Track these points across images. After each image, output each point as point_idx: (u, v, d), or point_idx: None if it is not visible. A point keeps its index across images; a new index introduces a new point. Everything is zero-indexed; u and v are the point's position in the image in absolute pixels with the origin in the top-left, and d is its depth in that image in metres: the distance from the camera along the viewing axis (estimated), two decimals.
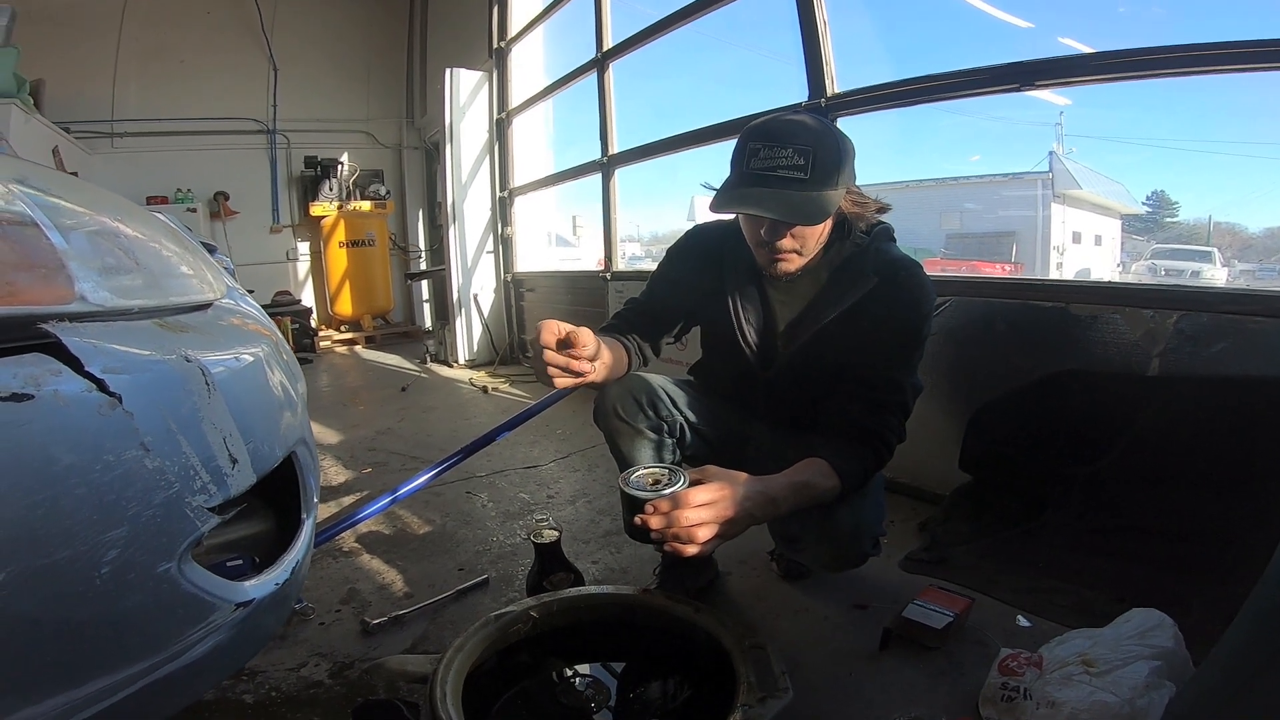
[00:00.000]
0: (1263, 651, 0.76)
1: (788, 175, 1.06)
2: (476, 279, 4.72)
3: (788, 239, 1.12)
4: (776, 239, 1.12)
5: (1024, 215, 8.52)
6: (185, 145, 5.67)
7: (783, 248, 1.13)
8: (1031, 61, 1.79)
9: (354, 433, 3.01)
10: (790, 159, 1.06)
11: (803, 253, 1.15)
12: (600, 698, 1.04)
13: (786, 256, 1.14)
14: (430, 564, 1.67)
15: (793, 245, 1.13)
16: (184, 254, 0.90)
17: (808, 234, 1.13)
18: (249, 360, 0.75)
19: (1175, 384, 1.47)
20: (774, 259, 1.15)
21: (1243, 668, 0.79)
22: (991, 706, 1.04)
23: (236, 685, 1.18)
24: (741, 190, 1.10)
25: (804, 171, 1.06)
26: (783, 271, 1.17)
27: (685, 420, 1.28)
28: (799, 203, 1.07)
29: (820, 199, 1.08)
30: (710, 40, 10.75)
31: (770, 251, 1.14)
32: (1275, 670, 0.73)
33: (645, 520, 0.89)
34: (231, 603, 0.65)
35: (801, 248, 1.14)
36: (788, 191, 1.06)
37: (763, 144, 1.09)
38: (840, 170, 1.10)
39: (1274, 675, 0.73)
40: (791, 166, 1.06)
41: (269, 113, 6.01)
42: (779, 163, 1.07)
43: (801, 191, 1.06)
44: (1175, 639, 1.04)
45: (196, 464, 0.59)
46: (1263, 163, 7.65)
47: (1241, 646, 0.82)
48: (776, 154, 1.07)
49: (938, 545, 1.64)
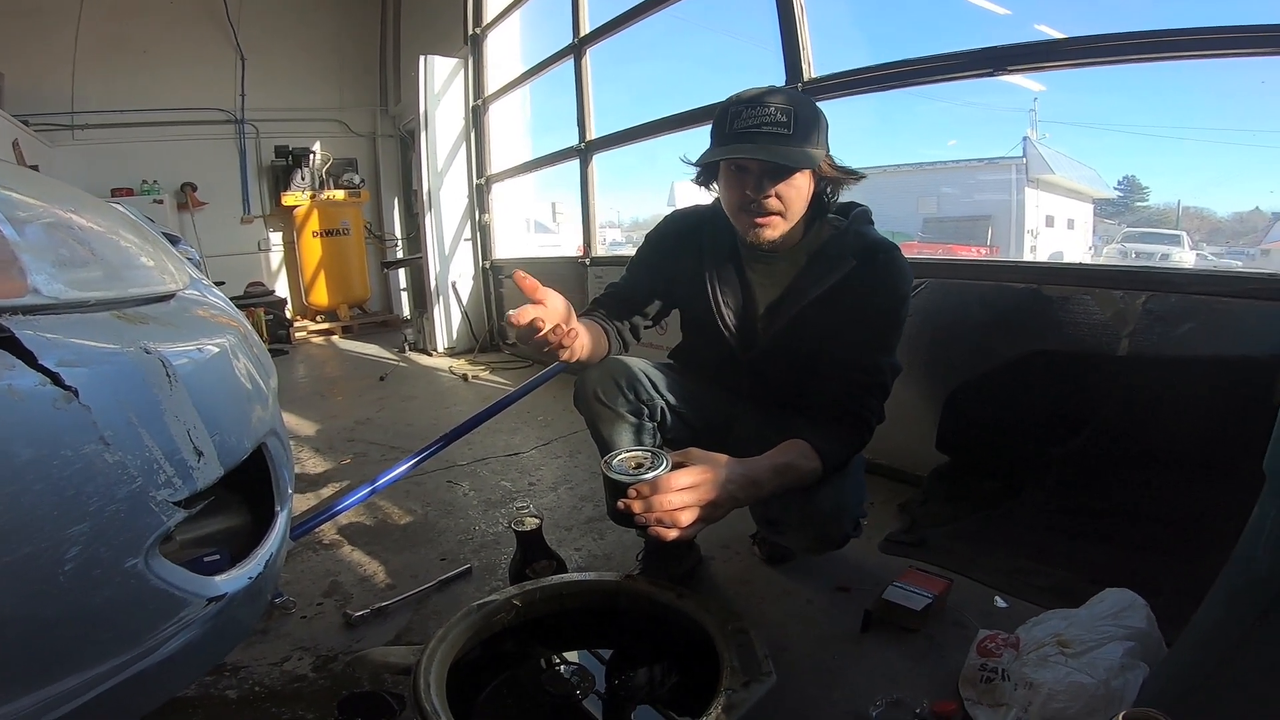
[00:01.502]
0: (1234, 632, 0.77)
1: (772, 131, 1.08)
2: (455, 266, 4.68)
3: (773, 198, 1.12)
4: (762, 195, 1.11)
5: (999, 199, 8.61)
6: (150, 136, 5.53)
7: (768, 207, 1.13)
8: (1005, 46, 1.80)
9: (332, 423, 2.97)
10: (774, 116, 1.08)
11: (786, 215, 1.15)
12: (586, 685, 1.04)
13: (770, 220, 1.14)
14: (412, 554, 1.65)
15: (777, 206, 1.13)
16: (144, 245, 0.88)
17: (791, 195, 1.13)
18: (214, 351, 0.73)
19: (1144, 364, 1.49)
20: (756, 222, 1.15)
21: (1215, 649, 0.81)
22: (971, 688, 1.05)
23: (219, 681, 1.17)
24: (727, 146, 1.12)
25: (787, 128, 1.08)
26: (765, 238, 1.16)
27: (666, 403, 1.27)
28: (786, 154, 1.08)
29: (805, 152, 1.10)
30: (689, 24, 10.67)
31: (753, 214, 1.14)
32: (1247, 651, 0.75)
33: (628, 504, 0.89)
34: (203, 597, 0.63)
35: (785, 210, 1.14)
36: (772, 145, 1.08)
37: (744, 106, 1.10)
38: (819, 130, 1.12)
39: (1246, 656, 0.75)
40: (775, 123, 1.08)
41: (236, 102, 5.88)
42: (764, 119, 1.08)
43: (786, 145, 1.08)
44: (1148, 619, 1.06)
45: (159, 457, 0.57)
46: (1229, 148, 7.81)
47: (1213, 628, 0.83)
48: (760, 112, 1.09)
49: (917, 527, 1.67)
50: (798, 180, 1.12)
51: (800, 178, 1.13)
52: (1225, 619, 0.81)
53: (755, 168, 1.11)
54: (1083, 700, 0.93)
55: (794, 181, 1.12)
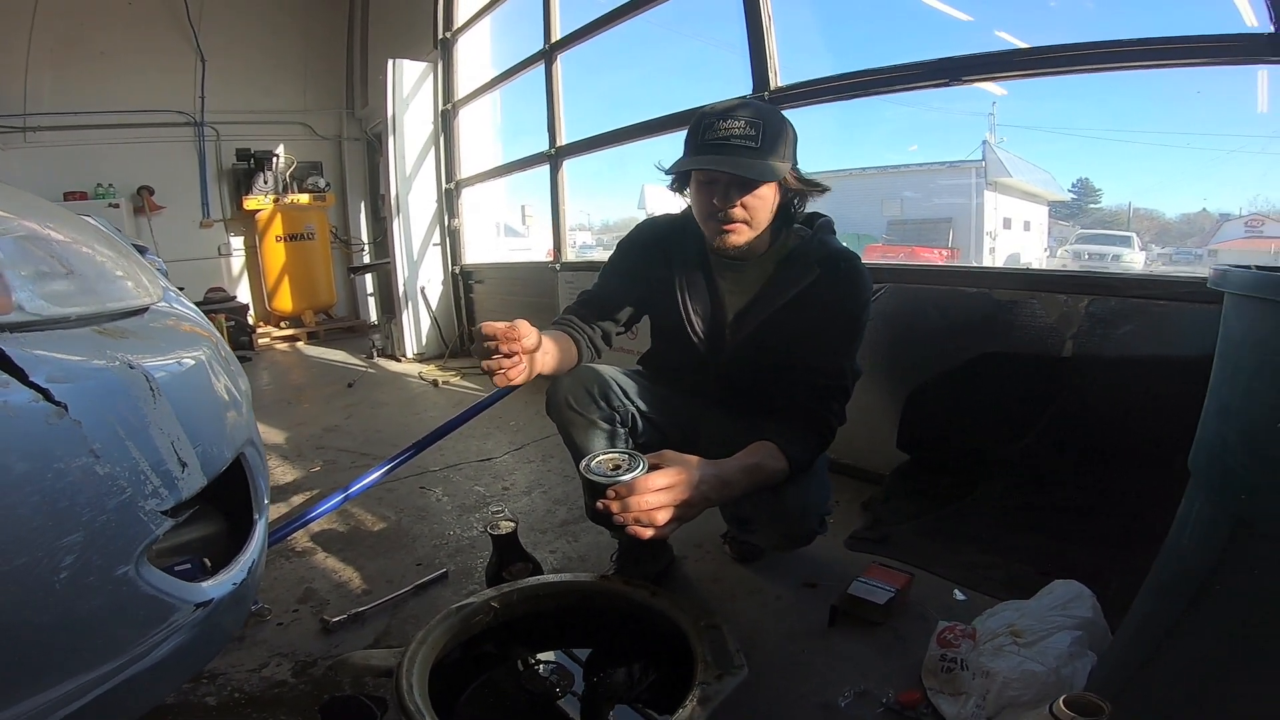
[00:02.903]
0: (1164, 622, 0.83)
1: (740, 144, 1.13)
2: (424, 271, 4.64)
3: (739, 208, 1.17)
4: (728, 205, 1.16)
5: (959, 202, 8.87)
6: (106, 139, 5.39)
7: (734, 216, 1.17)
8: (961, 57, 1.88)
9: (300, 431, 2.94)
10: (742, 129, 1.13)
11: (752, 224, 1.20)
12: (565, 684, 1.06)
13: (736, 228, 1.19)
14: (387, 560, 1.66)
15: (743, 215, 1.18)
16: (117, 258, 0.88)
17: (757, 205, 1.18)
18: (191, 364, 0.74)
19: (1087, 365, 1.58)
20: (723, 229, 1.19)
21: (1148, 639, 0.86)
22: (933, 677, 1.10)
23: (198, 689, 1.17)
24: (697, 157, 1.17)
25: (755, 141, 1.13)
26: (731, 244, 1.21)
27: (637, 409, 1.31)
28: (751, 165, 1.13)
29: (770, 165, 1.15)
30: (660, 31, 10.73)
31: (721, 221, 1.19)
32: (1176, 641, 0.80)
33: (607, 505, 0.92)
34: (191, 603, 0.65)
35: (751, 219, 1.19)
36: (740, 157, 1.13)
37: (715, 118, 1.15)
38: (786, 144, 1.18)
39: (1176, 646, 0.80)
40: (744, 136, 1.13)
41: (196, 105, 5.76)
42: (732, 132, 1.13)
43: (752, 158, 1.13)
44: (1094, 609, 1.12)
45: (147, 469, 0.58)
46: (1177, 151, 8.19)
47: (1145, 618, 0.89)
48: (729, 125, 1.14)
49: (880, 524, 1.73)
50: (763, 191, 1.17)
51: (766, 189, 1.17)
52: (1157, 608, 0.86)
53: (723, 179, 1.16)
54: (1035, 688, 0.98)
55: (759, 193, 1.17)
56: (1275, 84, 2.37)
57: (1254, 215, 7.26)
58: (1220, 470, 0.77)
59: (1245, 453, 0.72)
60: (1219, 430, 0.78)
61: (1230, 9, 1.71)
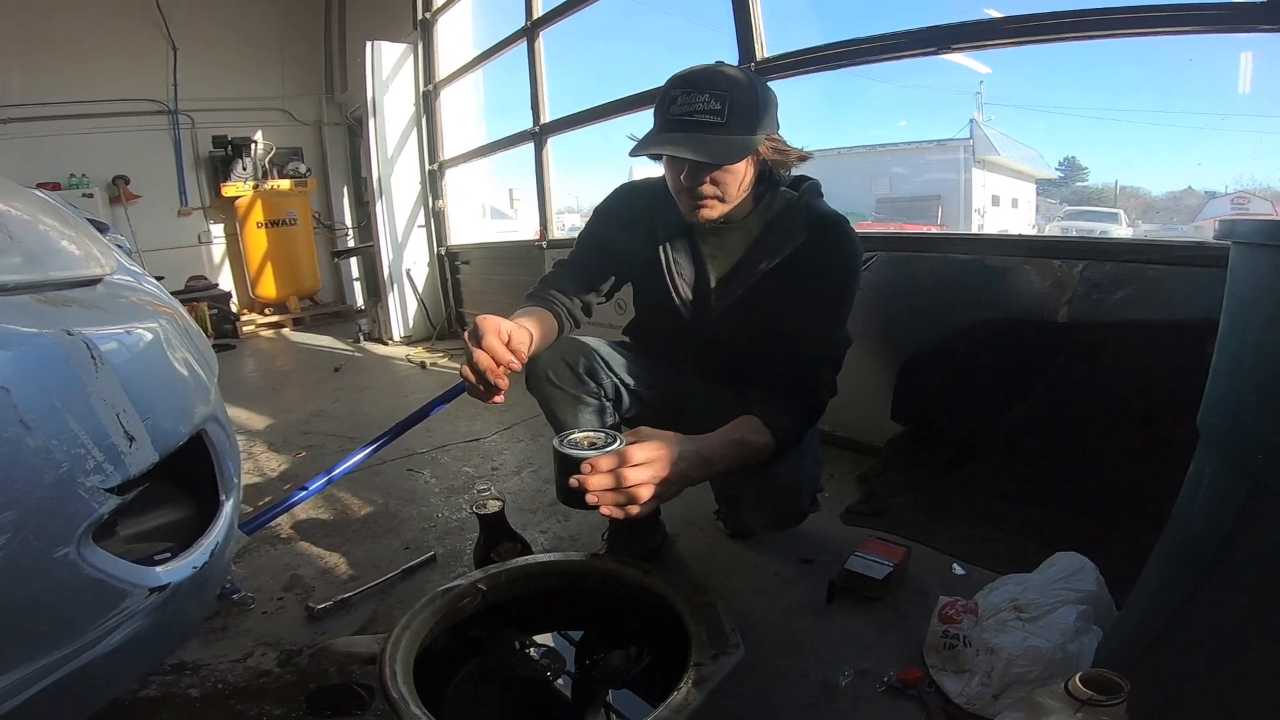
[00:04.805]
0: (1178, 592, 0.80)
1: (704, 120, 1.06)
2: (409, 254, 4.57)
3: (707, 184, 1.11)
4: (696, 184, 1.11)
5: (948, 179, 8.82)
6: (78, 129, 5.26)
7: (703, 193, 1.12)
8: (949, 25, 1.83)
9: (286, 417, 2.88)
10: (707, 104, 1.06)
11: (724, 199, 1.14)
12: (557, 666, 1.04)
13: (708, 203, 1.13)
14: (374, 544, 1.62)
15: (713, 191, 1.12)
16: (65, 229, 0.84)
17: (727, 180, 1.12)
18: (144, 335, 0.69)
19: (1083, 330, 1.55)
20: (695, 205, 1.14)
21: (1161, 611, 0.83)
22: (936, 655, 1.07)
23: (180, 680, 1.14)
24: (659, 135, 1.10)
25: (720, 115, 1.06)
26: (704, 218, 1.16)
27: (622, 383, 1.26)
28: (714, 145, 1.07)
29: (736, 142, 1.08)
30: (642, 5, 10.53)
31: (691, 197, 1.13)
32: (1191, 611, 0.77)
33: (582, 481, 0.87)
34: (144, 588, 0.60)
35: (723, 194, 1.13)
36: (704, 135, 1.06)
37: (681, 91, 1.09)
38: (759, 116, 1.10)
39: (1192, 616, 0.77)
40: (708, 111, 1.06)
41: (169, 93, 5.62)
42: (696, 107, 1.07)
43: (717, 135, 1.07)
44: (1098, 582, 1.09)
45: (88, 442, 0.54)
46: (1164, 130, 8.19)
47: (1159, 587, 0.85)
48: (694, 99, 1.07)
49: (875, 497, 1.71)
50: (733, 166, 1.11)
51: (736, 163, 1.11)
52: (1170, 577, 0.83)
53: (687, 158, 1.10)
54: (1041, 664, 0.96)
55: (729, 167, 1.11)
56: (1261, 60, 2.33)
57: (1239, 193, 7.26)
58: (1232, 428, 0.74)
59: (1259, 409, 0.69)
60: (1230, 386, 0.74)
61: None
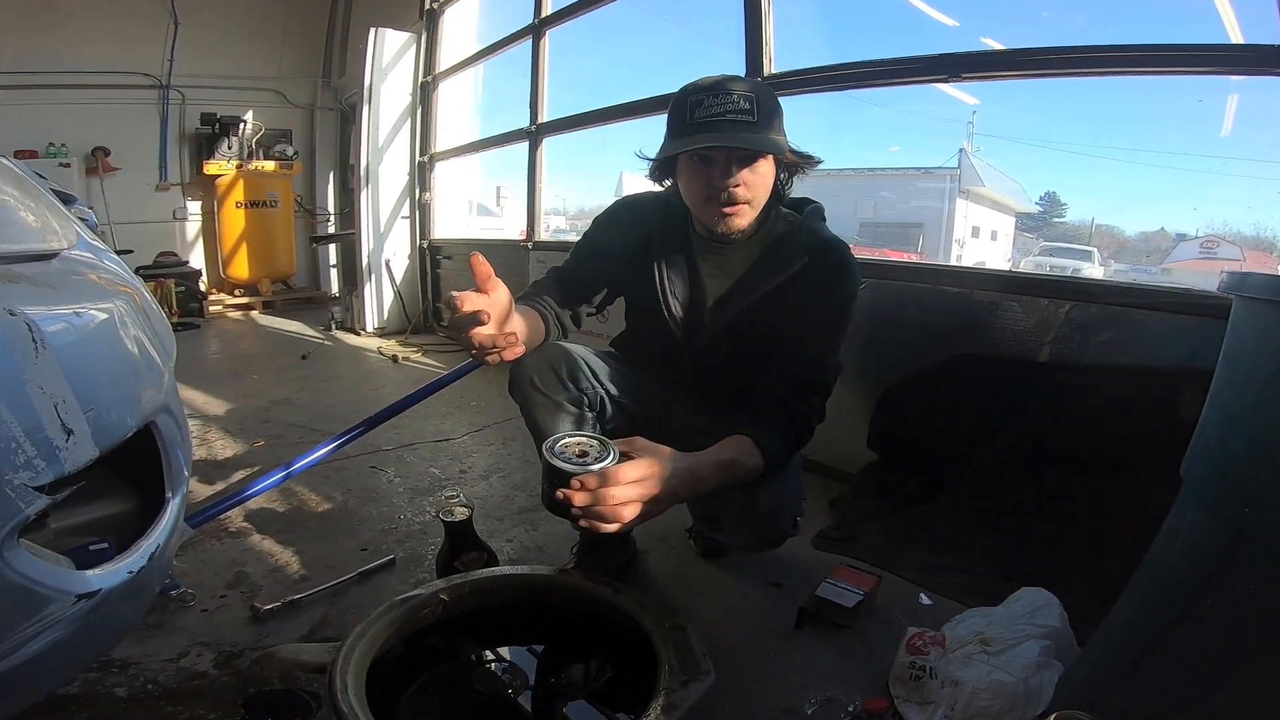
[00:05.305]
0: (1147, 634, 0.79)
1: (737, 119, 1.05)
2: (389, 244, 4.49)
3: (741, 186, 1.09)
4: (731, 182, 1.08)
5: (932, 207, 9.00)
6: (66, 98, 5.11)
7: (737, 196, 1.09)
8: (963, 54, 1.85)
9: (245, 403, 2.78)
10: (737, 104, 1.05)
11: (753, 204, 1.12)
12: (518, 682, 1.00)
13: (739, 209, 1.11)
14: (330, 544, 1.55)
15: (746, 194, 1.10)
16: (26, 200, 0.77)
17: (758, 183, 1.11)
18: (96, 317, 0.64)
19: (1064, 370, 1.56)
20: (724, 212, 1.11)
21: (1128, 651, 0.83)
22: (901, 685, 1.07)
23: (105, 678, 1.06)
24: (694, 136, 1.08)
25: (751, 115, 1.05)
26: (735, 227, 1.13)
27: (606, 393, 1.23)
28: (754, 140, 1.06)
29: (772, 139, 1.08)
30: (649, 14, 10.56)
31: (722, 203, 1.11)
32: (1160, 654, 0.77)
33: (568, 496, 0.84)
34: (71, 594, 0.55)
35: (753, 199, 1.12)
36: (739, 132, 1.05)
37: (705, 95, 1.07)
38: (780, 117, 1.11)
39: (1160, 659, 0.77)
40: (739, 110, 1.05)
41: (164, 67, 5.47)
42: (727, 108, 1.05)
43: (753, 132, 1.06)
44: (1061, 618, 1.10)
45: (19, 435, 0.48)
46: (1142, 169, 8.50)
47: (1125, 628, 0.85)
48: (723, 101, 1.05)
49: (847, 523, 1.69)
50: (763, 168, 1.10)
51: (765, 165, 1.11)
52: (1140, 617, 0.84)
53: (722, 157, 1.08)
54: (1004, 699, 0.96)
55: (759, 169, 1.10)
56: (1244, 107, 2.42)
57: (1209, 237, 7.51)
58: (1220, 479, 0.73)
59: (1250, 463, 0.68)
60: (1221, 439, 0.74)
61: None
